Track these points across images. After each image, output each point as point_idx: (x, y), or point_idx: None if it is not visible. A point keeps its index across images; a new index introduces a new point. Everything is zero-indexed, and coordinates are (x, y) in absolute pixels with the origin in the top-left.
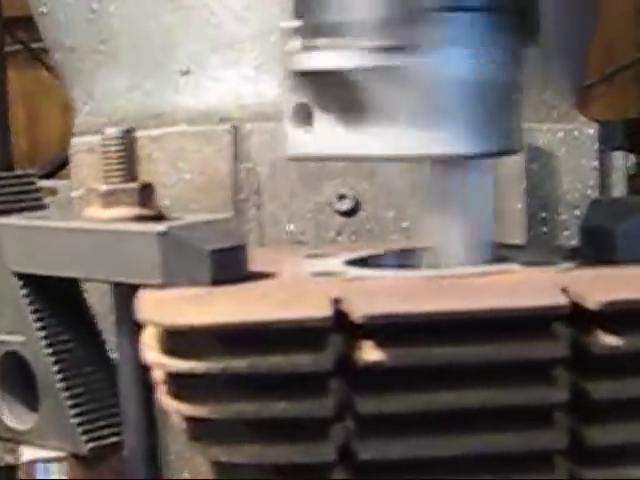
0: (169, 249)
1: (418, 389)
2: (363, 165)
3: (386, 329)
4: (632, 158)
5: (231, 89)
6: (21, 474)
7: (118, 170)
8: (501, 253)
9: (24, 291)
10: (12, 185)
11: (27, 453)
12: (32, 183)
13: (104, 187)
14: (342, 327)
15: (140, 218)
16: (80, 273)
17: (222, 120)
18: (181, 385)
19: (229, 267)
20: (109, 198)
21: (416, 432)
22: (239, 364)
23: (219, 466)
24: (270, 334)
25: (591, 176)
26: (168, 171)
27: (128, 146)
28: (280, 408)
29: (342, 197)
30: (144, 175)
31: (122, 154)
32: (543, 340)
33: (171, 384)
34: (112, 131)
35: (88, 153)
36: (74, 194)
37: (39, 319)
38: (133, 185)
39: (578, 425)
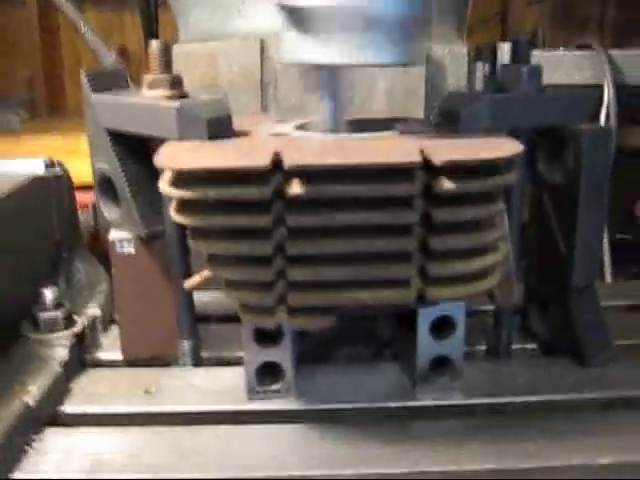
0: (182, 117)
1: (325, 211)
2: None
3: (305, 173)
4: (487, 66)
5: (263, 19)
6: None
7: (159, 66)
8: (393, 125)
9: (109, 139)
10: (109, 75)
11: (112, 234)
12: (123, 75)
13: (150, 77)
14: (279, 171)
15: (170, 97)
16: (137, 129)
17: (257, 37)
18: (180, 205)
19: (219, 129)
20: (152, 84)
21: (323, 238)
22: (212, 193)
23: (208, 257)
24: (232, 175)
25: (463, 77)
26: (226, 66)
27: (164, 52)
28: (240, 220)
29: None
30: (210, 68)
31: (161, 58)
32: (406, 182)
33: (175, 205)
34: (155, 43)
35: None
36: None
37: (117, 155)
38: (166, 76)
39: (426, 236)
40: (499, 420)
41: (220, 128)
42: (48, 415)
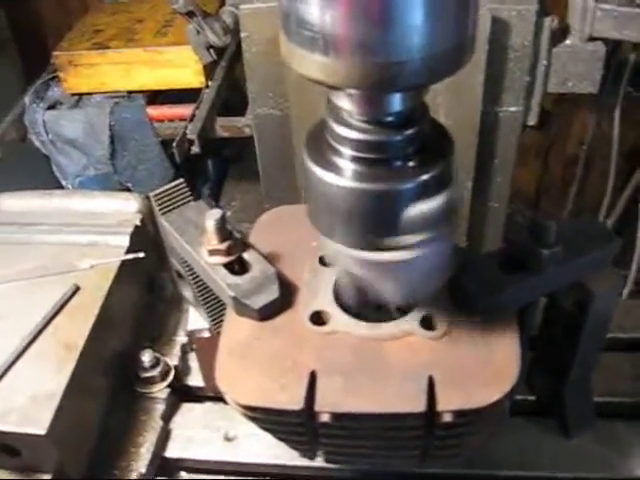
0: (237, 303)
1: (345, 435)
2: None
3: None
4: (556, 21)
5: None
6: None
7: (217, 237)
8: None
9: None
10: (174, 192)
11: (190, 324)
12: (185, 189)
13: (209, 247)
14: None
15: (226, 264)
16: (201, 276)
17: None
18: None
19: (268, 312)
20: (212, 252)
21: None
22: (260, 416)
23: None
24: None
25: (530, 31)
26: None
27: (220, 224)
28: (282, 430)
29: None
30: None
31: (219, 232)
32: (413, 419)
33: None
34: (210, 221)
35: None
36: None
37: (187, 267)
38: (223, 246)
39: (430, 441)
40: None
41: (269, 311)
42: (157, 463)
